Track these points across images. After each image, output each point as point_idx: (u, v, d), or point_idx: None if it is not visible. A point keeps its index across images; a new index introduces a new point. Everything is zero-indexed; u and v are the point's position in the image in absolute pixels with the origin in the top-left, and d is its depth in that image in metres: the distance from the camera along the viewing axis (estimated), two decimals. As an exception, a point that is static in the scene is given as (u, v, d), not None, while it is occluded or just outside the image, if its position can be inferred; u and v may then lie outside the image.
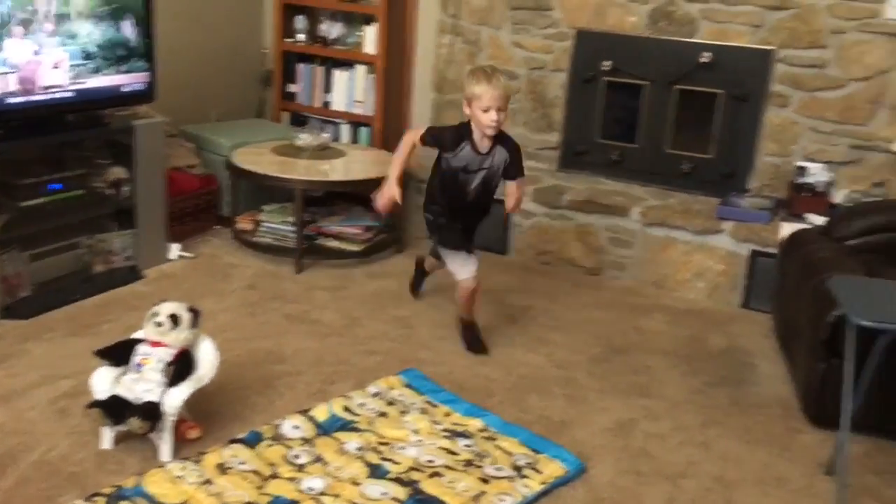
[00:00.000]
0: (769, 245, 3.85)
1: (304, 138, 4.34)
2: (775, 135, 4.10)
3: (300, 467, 2.49)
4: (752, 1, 3.94)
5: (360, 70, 4.80)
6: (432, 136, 3.24)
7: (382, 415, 2.80)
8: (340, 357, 3.24)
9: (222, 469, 2.44)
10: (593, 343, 3.52)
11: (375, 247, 4.28)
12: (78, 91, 3.39)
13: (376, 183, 3.34)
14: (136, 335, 2.62)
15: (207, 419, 2.72)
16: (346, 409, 2.79)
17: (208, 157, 4.45)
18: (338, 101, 4.91)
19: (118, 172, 3.73)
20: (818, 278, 2.92)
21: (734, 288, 4.01)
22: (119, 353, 2.57)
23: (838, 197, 3.94)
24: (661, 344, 3.55)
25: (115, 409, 2.44)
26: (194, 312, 2.59)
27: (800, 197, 3.97)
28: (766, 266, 3.87)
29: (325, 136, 4.40)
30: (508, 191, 3.24)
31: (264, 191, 4.38)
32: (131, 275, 3.77)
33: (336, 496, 2.37)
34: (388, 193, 3.22)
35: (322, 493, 2.38)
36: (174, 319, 2.54)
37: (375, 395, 2.90)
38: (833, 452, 2.65)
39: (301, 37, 4.88)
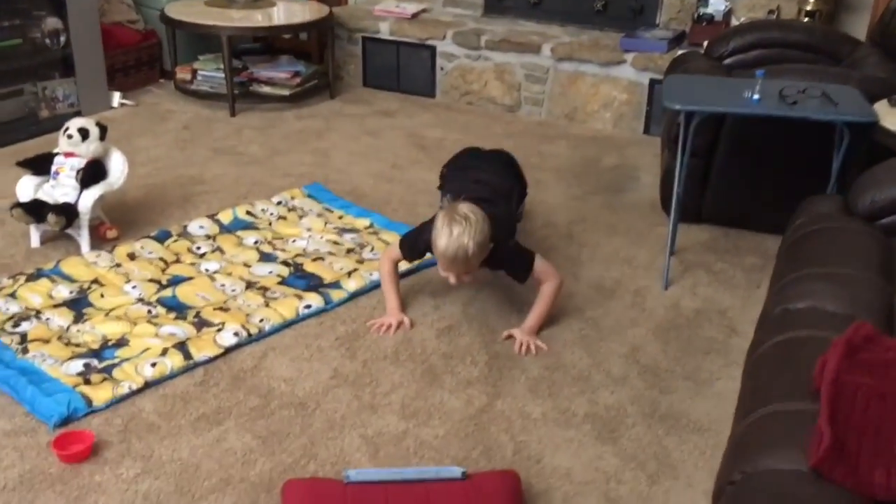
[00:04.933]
0: (665, 72, 4.09)
1: (235, -10, 4.56)
2: (679, -32, 4.29)
3: (201, 255, 2.89)
4: None
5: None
6: (409, 251, 2.58)
7: (282, 218, 3.17)
8: (256, 179, 3.59)
9: (132, 257, 2.84)
10: (493, 164, 3.84)
11: (306, 92, 4.57)
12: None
13: (301, 27, 3.51)
14: (55, 150, 2.97)
15: (126, 225, 3.10)
16: (249, 213, 3.17)
17: (148, 13, 4.70)
18: (274, -42, 5.10)
19: (54, 23, 4.00)
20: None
21: (638, 116, 4.29)
22: (39, 164, 2.93)
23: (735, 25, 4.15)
24: (557, 163, 3.87)
25: (36, 209, 2.82)
26: (101, 127, 2.93)
27: (699, 27, 4.20)
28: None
29: (256, -13, 4.62)
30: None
31: (202, 42, 4.65)
32: (74, 119, 4.10)
33: (228, 274, 2.76)
34: (394, 322, 2.54)
35: (216, 272, 2.77)
36: (83, 133, 2.88)
37: (278, 203, 3.27)
38: (679, 237, 2.99)
39: None
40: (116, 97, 4.34)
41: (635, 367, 2.40)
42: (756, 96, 2.58)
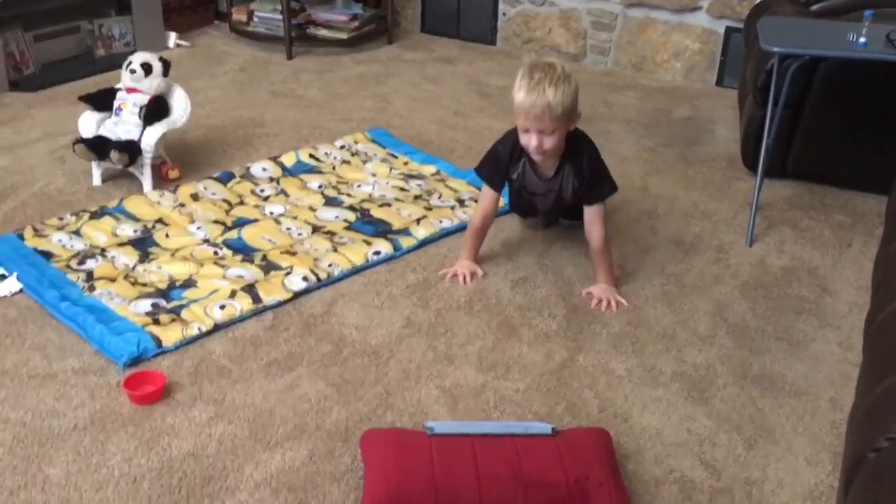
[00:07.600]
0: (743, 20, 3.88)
1: (293, -72, 4.41)
2: None
3: (265, 198, 2.80)
4: None
5: None
6: (490, 170, 2.40)
7: (346, 162, 3.06)
8: (317, 123, 3.49)
9: (195, 197, 2.76)
10: (560, 113, 3.68)
11: (364, 36, 4.43)
12: None
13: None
14: (117, 86, 2.88)
15: (188, 166, 3.02)
16: (312, 156, 3.07)
17: (203, -48, 4.58)
18: None
19: (110, -42, 3.90)
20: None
21: (710, 67, 4.09)
22: (101, 100, 2.85)
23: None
24: (627, 114, 3.70)
25: (98, 146, 2.74)
26: (165, 63, 2.83)
27: (781, -27, 3.96)
28: (739, 43, 3.93)
29: (314, -74, 4.47)
30: (587, 227, 2.37)
31: (258, -16, 4.52)
32: (130, 59, 4.01)
33: (294, 218, 2.67)
34: (467, 272, 2.40)
35: (281, 216, 2.68)
36: (146, 68, 2.79)
37: (341, 147, 3.16)
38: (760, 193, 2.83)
39: None
40: (172, 38, 4.25)
41: (723, 325, 2.27)
42: (863, 39, 2.40)
